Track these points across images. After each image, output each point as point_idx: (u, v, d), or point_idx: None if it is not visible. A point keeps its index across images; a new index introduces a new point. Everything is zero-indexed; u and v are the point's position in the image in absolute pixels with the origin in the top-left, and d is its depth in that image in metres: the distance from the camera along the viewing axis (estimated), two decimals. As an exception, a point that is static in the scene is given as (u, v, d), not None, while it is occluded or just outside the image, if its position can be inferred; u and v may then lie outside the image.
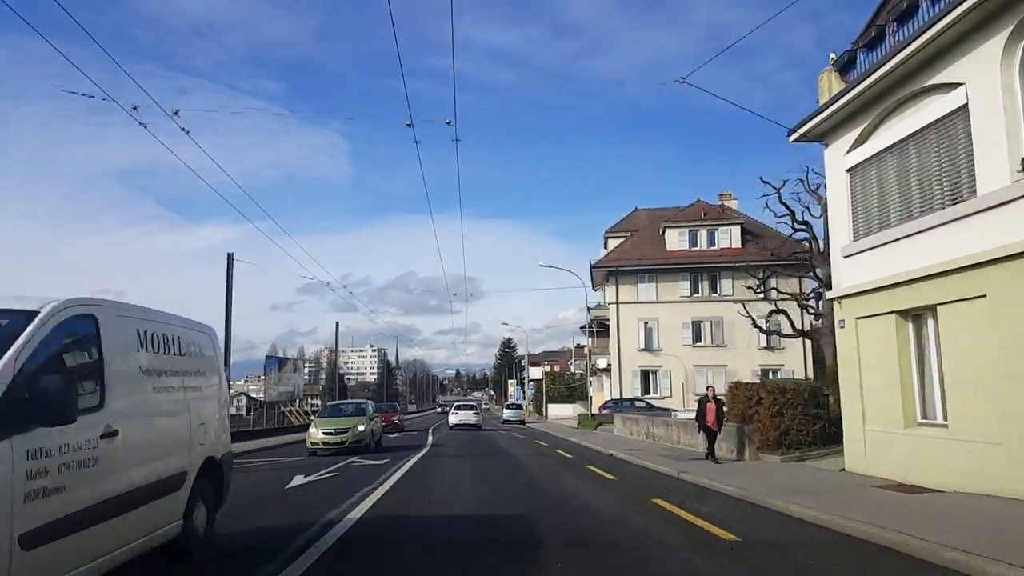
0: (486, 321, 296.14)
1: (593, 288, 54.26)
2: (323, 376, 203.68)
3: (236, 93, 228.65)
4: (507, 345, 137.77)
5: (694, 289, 45.17)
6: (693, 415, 18.60)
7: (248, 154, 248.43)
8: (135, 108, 12.83)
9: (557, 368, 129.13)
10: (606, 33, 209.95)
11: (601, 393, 52.04)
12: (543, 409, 58.77)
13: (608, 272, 46.00)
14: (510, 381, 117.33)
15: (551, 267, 41.20)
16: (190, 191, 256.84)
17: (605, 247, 50.11)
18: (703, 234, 45.69)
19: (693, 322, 44.82)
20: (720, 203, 48.22)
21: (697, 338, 44.83)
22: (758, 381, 19.95)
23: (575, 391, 61.34)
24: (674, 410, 40.27)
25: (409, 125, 14.23)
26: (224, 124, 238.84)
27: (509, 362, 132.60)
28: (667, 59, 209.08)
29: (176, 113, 13.05)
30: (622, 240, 48.07)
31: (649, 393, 44.71)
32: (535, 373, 57.68)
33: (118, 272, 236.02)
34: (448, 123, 14.92)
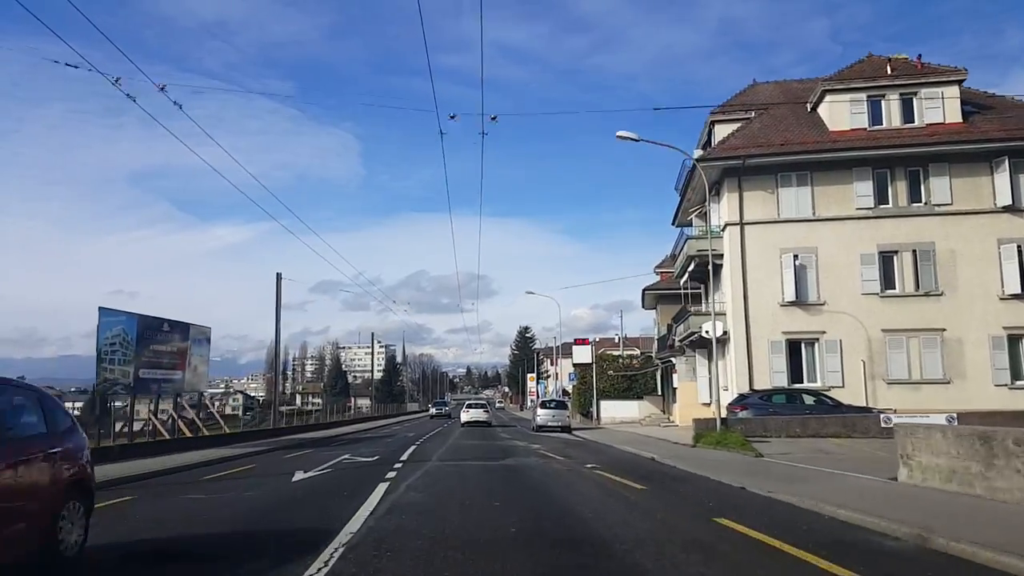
0: (497, 319, 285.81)
1: (676, 221, 34.79)
2: (326, 373, 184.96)
3: (248, 93, 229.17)
4: (524, 335, 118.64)
5: (880, 196, 25.61)
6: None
7: (260, 155, 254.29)
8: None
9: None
10: (617, 29, 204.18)
11: (693, 383, 32.58)
12: (592, 410, 39.34)
13: (723, 170, 26.46)
14: (529, 375, 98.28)
15: (637, 140, 21.76)
16: (203, 192, 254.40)
17: (709, 140, 30.46)
18: (893, 103, 26.10)
19: (880, 253, 25.28)
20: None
21: (888, 282, 25.28)
22: None
23: (636, 383, 41.88)
24: (887, 411, 20.87)
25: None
26: (236, 125, 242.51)
27: (527, 355, 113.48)
28: (679, 54, 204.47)
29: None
30: (741, 124, 28.44)
31: (802, 380, 25.21)
32: (581, 355, 38.38)
33: (132, 273, 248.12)
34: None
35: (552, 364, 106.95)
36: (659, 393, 39.10)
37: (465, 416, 41.12)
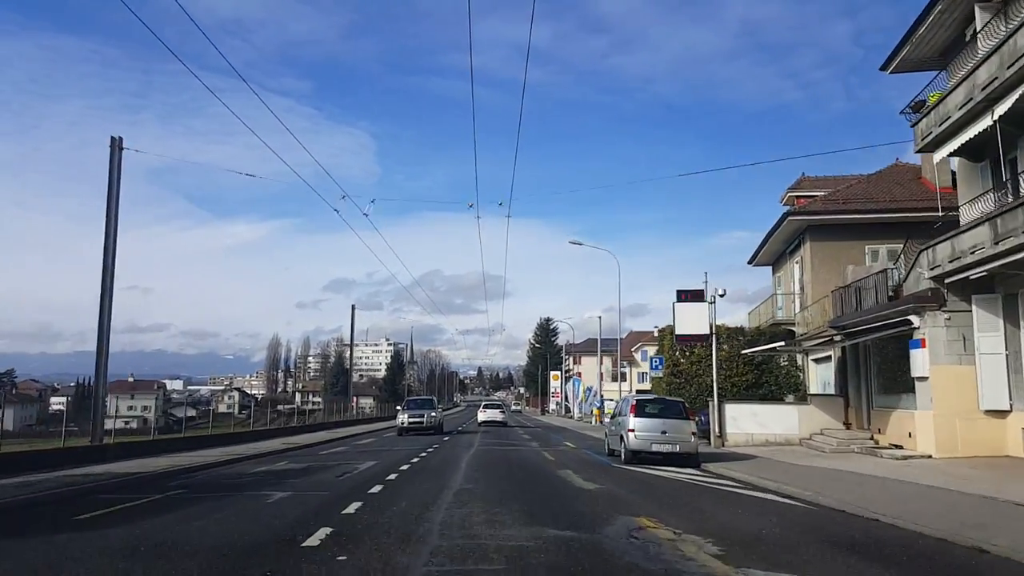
0: (511, 322, 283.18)
1: (897, 60, 17.74)
2: (329, 368, 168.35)
3: (265, 92, 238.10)
4: (546, 326, 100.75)
5: None
6: None
7: (278, 153, 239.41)
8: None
9: (608, 363, 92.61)
10: (637, 29, 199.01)
11: (964, 367, 15.48)
12: (704, 419, 21.94)
13: None
14: (552, 373, 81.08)
15: None
16: (219, 188, 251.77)
17: None
18: None
19: None
20: None
21: None
22: None
23: (771, 376, 24.75)
24: None
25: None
26: (252, 123, 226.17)
27: (550, 350, 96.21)
28: (698, 56, 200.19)
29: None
30: None
31: None
32: (689, 320, 21.20)
33: (148, 268, 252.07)
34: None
35: (577, 362, 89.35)
36: (836, 392, 21.73)
37: (482, 416, 44.59)
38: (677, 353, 26.14)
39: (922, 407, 16.08)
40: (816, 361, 24.40)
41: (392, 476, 12.77)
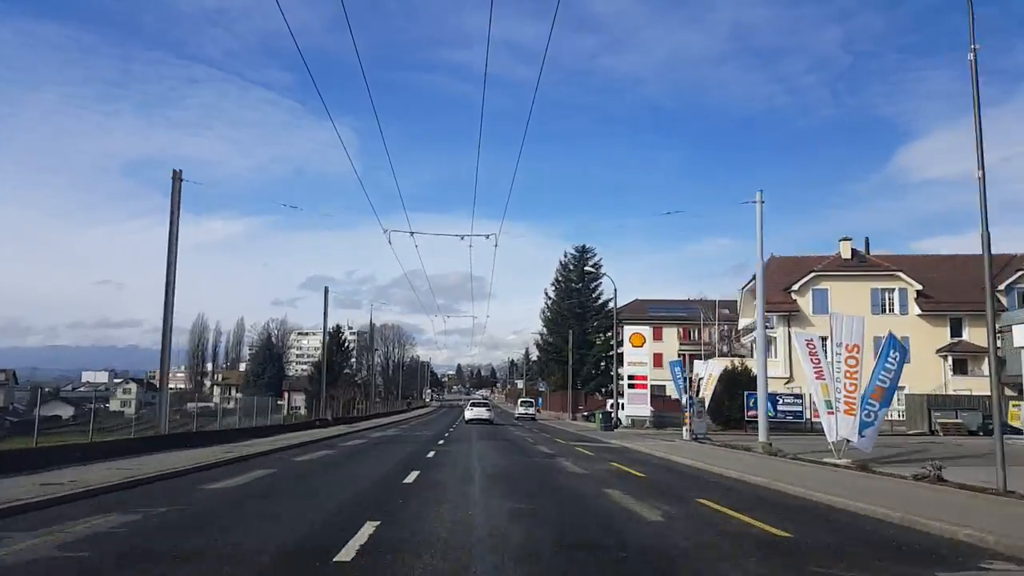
0: (491, 323, 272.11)
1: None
2: (254, 355, 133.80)
3: (247, 84, 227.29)
4: (582, 257, 64.01)
5: None
6: None
7: (258, 148, 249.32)
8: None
9: (673, 337, 61.90)
10: (627, 30, 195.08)
11: None
12: None
13: None
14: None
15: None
16: (197, 184, 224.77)
17: None
18: None
19: None
20: None
21: None
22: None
23: None
24: None
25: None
26: (234, 116, 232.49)
27: (589, 296, 61.09)
28: (688, 59, 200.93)
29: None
30: None
31: None
32: None
33: (123, 264, 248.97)
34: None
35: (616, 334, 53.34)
36: None
37: (469, 414, 45.38)
38: None
39: None
40: None
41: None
